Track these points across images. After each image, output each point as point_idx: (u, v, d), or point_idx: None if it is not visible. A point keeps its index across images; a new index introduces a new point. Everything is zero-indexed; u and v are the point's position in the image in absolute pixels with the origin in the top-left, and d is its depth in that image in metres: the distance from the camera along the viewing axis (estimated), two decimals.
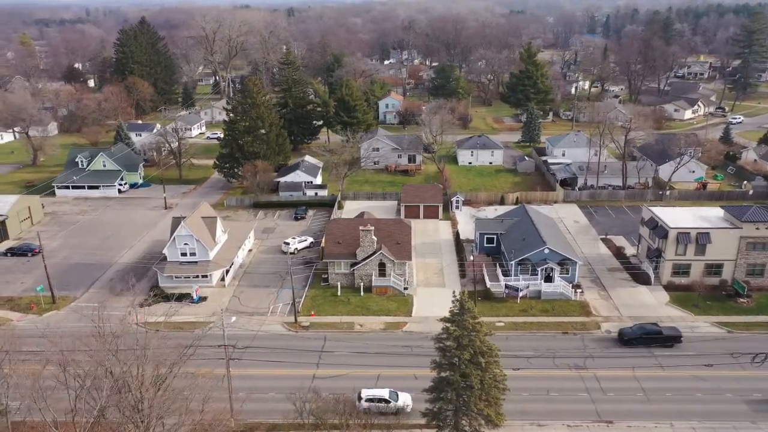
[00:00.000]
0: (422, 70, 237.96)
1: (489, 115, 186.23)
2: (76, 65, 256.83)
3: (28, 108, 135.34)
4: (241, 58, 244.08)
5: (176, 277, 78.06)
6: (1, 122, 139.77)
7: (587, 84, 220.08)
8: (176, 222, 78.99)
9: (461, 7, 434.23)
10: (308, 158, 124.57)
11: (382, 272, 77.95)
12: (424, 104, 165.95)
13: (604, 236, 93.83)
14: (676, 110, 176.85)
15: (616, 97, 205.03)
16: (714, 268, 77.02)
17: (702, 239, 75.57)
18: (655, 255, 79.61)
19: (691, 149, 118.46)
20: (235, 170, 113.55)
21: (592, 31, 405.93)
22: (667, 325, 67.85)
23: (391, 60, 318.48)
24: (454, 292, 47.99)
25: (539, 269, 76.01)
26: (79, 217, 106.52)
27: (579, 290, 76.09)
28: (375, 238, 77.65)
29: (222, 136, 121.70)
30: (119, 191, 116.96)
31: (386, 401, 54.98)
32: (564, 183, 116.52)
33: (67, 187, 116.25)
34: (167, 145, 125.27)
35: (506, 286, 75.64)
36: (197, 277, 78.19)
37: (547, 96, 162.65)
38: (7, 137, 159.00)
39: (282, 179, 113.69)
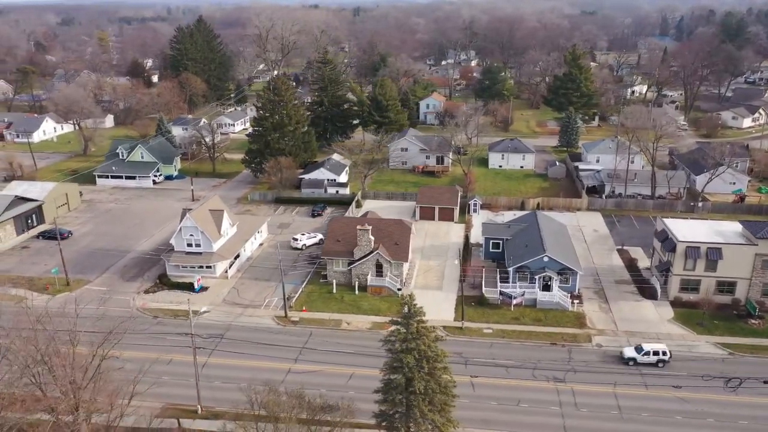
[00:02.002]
0: (473, 71, 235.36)
1: (534, 118, 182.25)
2: (146, 61, 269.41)
3: (80, 101, 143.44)
4: (299, 56, 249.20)
5: (182, 267, 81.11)
6: (57, 113, 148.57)
7: (645, 88, 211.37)
8: (185, 213, 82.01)
9: (530, 7, 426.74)
10: (335, 156, 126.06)
11: (380, 272, 78.26)
12: (464, 105, 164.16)
13: (620, 247, 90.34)
14: (734, 118, 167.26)
15: (673, 102, 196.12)
16: (726, 286, 72.84)
17: (712, 255, 71.59)
18: (665, 269, 76.06)
19: (736, 160, 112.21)
20: (262, 166, 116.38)
21: (665, 33, 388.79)
22: None
23: (448, 60, 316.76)
24: (405, 296, 47.59)
25: (537, 277, 74.24)
26: (112, 205, 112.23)
27: (577, 301, 73.71)
28: (372, 238, 77.99)
29: (251, 132, 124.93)
30: (154, 182, 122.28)
31: None
32: (592, 190, 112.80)
33: (107, 177, 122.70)
34: (202, 139, 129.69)
35: (500, 293, 74.24)
36: (201, 267, 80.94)
37: (590, 100, 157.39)
38: (67, 128, 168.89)
39: (305, 176, 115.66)
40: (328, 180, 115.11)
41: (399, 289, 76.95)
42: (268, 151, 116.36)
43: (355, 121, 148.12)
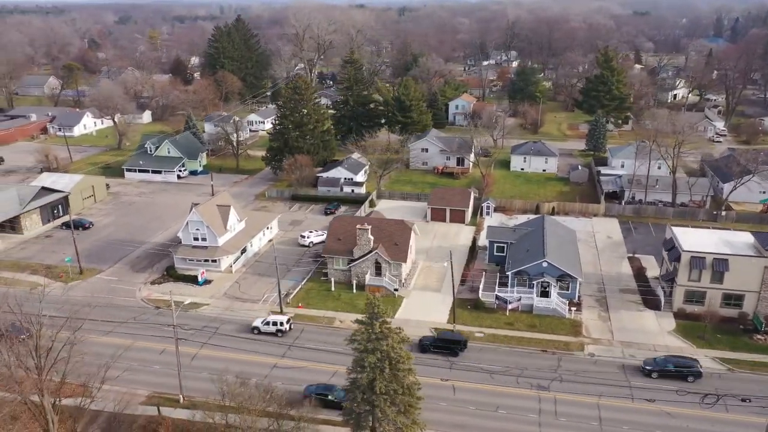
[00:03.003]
0: (510, 72, 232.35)
1: (567, 121, 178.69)
2: (192, 59, 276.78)
3: (114, 97, 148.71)
4: (336, 56, 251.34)
5: (189, 260, 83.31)
6: (94, 109, 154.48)
7: (688, 91, 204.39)
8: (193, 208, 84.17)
9: (579, 7, 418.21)
10: (356, 155, 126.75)
11: (379, 272, 78.53)
12: (493, 106, 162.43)
13: (631, 255, 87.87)
14: None
15: (716, 107, 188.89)
16: (733, 299, 69.98)
17: (718, 266, 68.93)
18: (669, 279, 73.68)
19: (766, 168, 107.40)
20: (281, 163, 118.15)
21: (719, 34, 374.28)
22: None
23: (489, 61, 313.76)
24: (370, 296, 47.74)
25: (534, 282, 73.10)
26: (136, 198, 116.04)
27: (574, 308, 72.16)
28: (371, 237, 78.29)
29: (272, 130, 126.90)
30: (178, 177, 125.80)
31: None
32: (613, 196, 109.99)
33: (134, 171, 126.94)
34: (227, 136, 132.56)
35: (496, 297, 73.38)
36: (207, 261, 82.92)
37: (622, 103, 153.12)
38: (107, 123, 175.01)
39: (323, 174, 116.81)
40: (345, 179, 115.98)
41: (396, 290, 77.04)
42: (287, 149, 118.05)
43: (381, 121, 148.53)
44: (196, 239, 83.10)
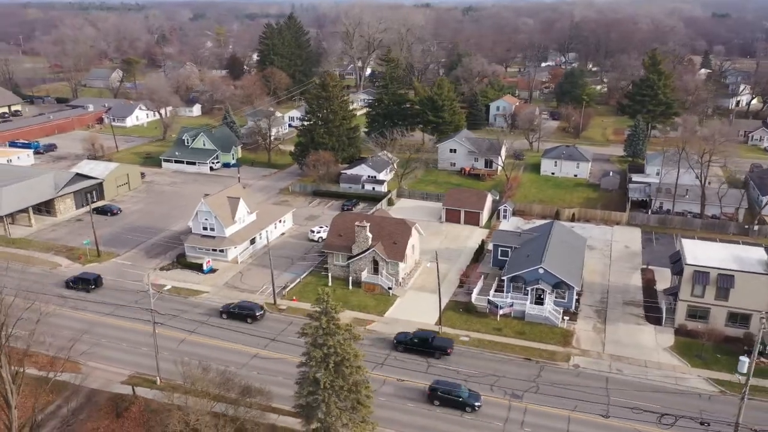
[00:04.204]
0: (562, 75, 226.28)
1: (613, 125, 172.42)
2: (251, 55, 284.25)
3: (160, 90, 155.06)
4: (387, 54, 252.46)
5: (198, 249, 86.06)
6: (141, 101, 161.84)
7: (752, 98, 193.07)
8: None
9: (652, 8, 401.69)
10: (384, 153, 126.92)
11: (376, 270, 78.66)
12: (535, 109, 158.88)
13: (645, 266, 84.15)
14: None
15: None
16: (739, 318, 65.95)
17: (723, 282, 65.11)
18: (672, 293, 70.19)
19: None
20: (305, 159, 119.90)
21: None
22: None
23: (548, 63, 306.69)
24: (322, 292, 47.85)
25: (529, 289, 71.33)
26: (167, 187, 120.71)
27: (567, 317, 69.89)
28: (370, 235, 78.49)
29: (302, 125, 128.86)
30: (211, 168, 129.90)
31: None
32: (642, 204, 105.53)
33: (171, 161, 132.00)
34: (260, 131, 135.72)
35: (488, 302, 72.04)
36: (215, 250, 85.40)
37: (669, 108, 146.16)
38: (158, 115, 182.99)
39: (347, 171, 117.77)
40: (368, 176, 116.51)
41: (390, 288, 76.93)
42: (313, 145, 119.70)
43: (416, 120, 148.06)
44: (204, 229, 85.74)
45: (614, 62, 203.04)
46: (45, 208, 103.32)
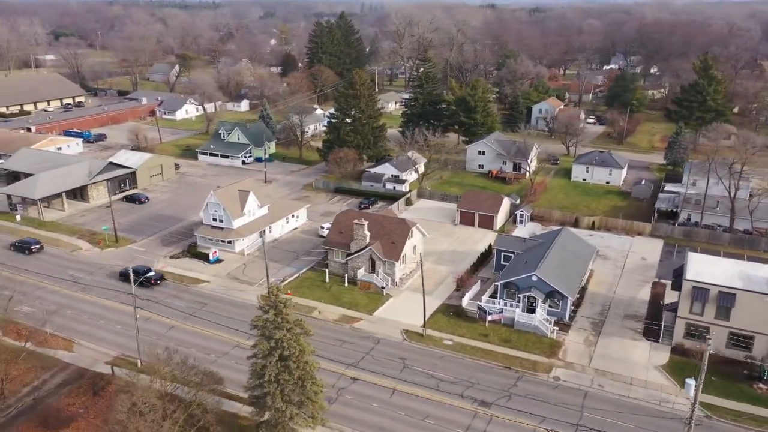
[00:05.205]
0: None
1: (663, 131, 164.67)
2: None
3: (203, 85, 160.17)
4: (438, 54, 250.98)
5: (208, 239, 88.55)
6: (185, 95, 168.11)
7: None
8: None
9: (732, 10, 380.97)
10: (411, 153, 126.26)
11: (373, 268, 78.58)
12: (575, 111, 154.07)
13: (657, 280, 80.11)
14: None
15: None
16: (741, 340, 61.82)
17: (723, 301, 61.21)
18: (671, 309, 66.55)
19: None
20: (329, 156, 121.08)
21: None
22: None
23: (611, 66, 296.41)
24: (274, 286, 48.28)
25: (521, 296, 69.41)
26: (198, 179, 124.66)
27: (557, 328, 67.50)
28: (368, 233, 78.46)
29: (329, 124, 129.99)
30: (243, 162, 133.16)
31: None
32: (669, 215, 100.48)
33: (206, 154, 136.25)
34: (292, 127, 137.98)
35: (478, 307, 70.57)
36: (223, 242, 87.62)
37: (720, 116, 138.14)
38: (208, 109, 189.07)
39: (370, 169, 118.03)
40: (392, 175, 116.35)
41: (383, 287, 76.61)
42: (339, 143, 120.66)
43: (451, 121, 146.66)
44: (214, 220, 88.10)
45: (670, 66, 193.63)
46: (80, 194, 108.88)
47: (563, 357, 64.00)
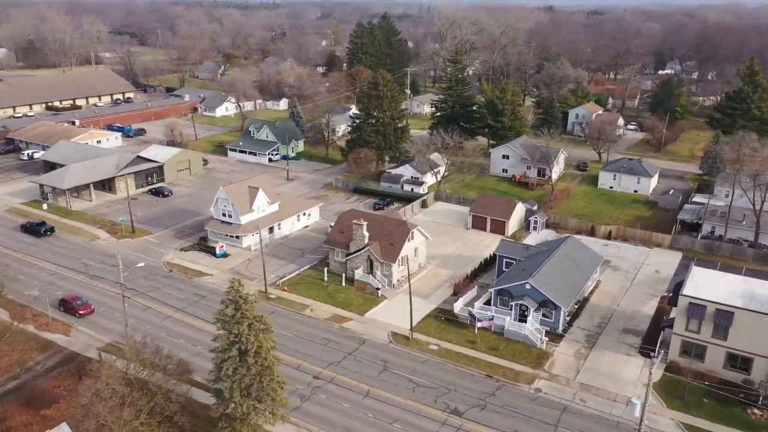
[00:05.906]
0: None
1: (706, 140, 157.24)
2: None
3: (237, 83, 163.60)
4: (480, 56, 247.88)
5: (217, 234, 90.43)
6: (230, 93, 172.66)
7: None
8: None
9: None
10: (435, 155, 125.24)
11: (371, 269, 78.42)
12: (612, 117, 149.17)
13: (666, 294, 76.61)
14: None
15: None
16: (739, 361, 58.42)
17: (720, 319, 57.97)
18: (668, 325, 63.56)
19: None
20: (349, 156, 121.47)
21: None
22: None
23: (667, 70, 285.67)
24: (234, 281, 48.56)
25: (513, 304, 67.82)
26: (224, 175, 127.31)
27: (547, 338, 65.52)
28: (366, 234, 78.34)
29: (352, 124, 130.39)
30: (270, 160, 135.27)
31: None
32: (692, 227, 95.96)
33: (235, 151, 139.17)
34: (319, 125, 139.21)
35: (468, 313, 69.32)
36: (231, 237, 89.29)
37: (764, 125, 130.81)
38: (248, 107, 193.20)
39: (390, 170, 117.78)
40: (411, 177, 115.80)
41: (378, 288, 76.28)
42: (361, 143, 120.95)
43: (480, 124, 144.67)
44: (223, 215, 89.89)
45: (723, 71, 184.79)
46: (108, 185, 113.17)
47: (549, 369, 62.10)
